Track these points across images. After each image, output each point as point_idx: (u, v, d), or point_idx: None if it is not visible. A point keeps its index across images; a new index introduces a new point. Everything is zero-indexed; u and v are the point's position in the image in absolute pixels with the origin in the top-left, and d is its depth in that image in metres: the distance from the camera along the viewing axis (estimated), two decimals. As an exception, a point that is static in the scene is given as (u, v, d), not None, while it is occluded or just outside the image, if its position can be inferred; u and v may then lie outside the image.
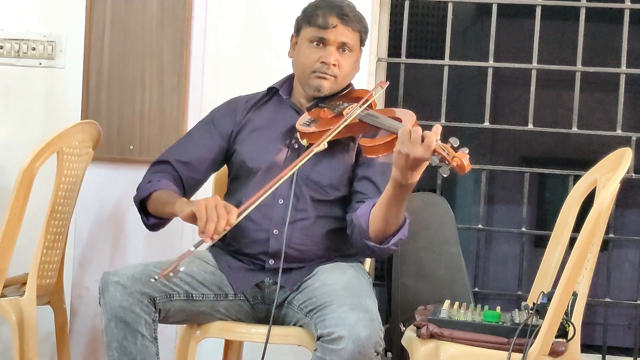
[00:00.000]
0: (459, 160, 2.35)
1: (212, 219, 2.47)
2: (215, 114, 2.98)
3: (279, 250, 2.72)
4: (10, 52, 3.74)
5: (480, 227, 3.93)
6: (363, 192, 2.78)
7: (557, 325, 2.47)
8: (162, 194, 2.79)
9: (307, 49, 2.83)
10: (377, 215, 2.61)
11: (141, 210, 2.86)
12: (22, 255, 3.18)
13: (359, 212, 2.68)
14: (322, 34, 2.80)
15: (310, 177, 2.77)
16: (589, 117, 8.27)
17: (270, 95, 2.96)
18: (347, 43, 2.82)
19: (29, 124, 3.75)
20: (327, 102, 2.84)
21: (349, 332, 2.39)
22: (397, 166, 2.44)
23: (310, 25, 2.83)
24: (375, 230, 2.63)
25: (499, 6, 3.81)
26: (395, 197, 2.53)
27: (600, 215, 2.45)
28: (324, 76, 2.81)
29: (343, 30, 2.81)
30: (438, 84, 3.83)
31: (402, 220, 2.64)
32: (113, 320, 2.54)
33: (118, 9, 3.67)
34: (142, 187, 2.86)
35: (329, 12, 2.81)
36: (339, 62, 2.81)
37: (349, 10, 2.83)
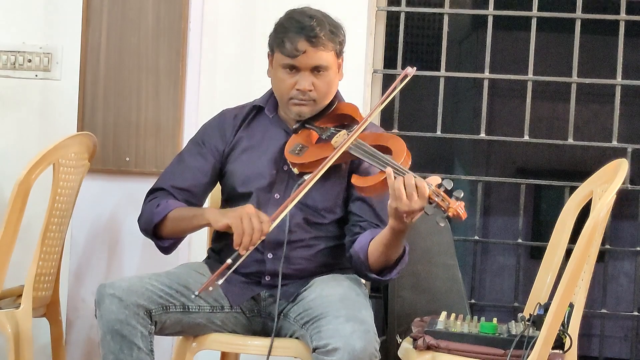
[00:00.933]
0: (455, 211, 2.37)
1: (247, 232, 2.49)
2: (205, 132, 2.93)
3: (274, 271, 2.72)
4: (6, 63, 3.74)
5: (476, 239, 3.93)
6: (359, 214, 2.77)
7: (553, 337, 2.47)
8: (182, 211, 2.76)
9: (281, 74, 2.74)
10: (376, 252, 2.62)
11: (152, 234, 2.82)
12: (17, 267, 3.18)
13: (357, 246, 2.69)
14: (292, 61, 2.70)
15: (305, 202, 2.74)
16: (585, 129, 8.30)
17: (255, 112, 2.90)
18: (320, 65, 2.71)
19: (25, 135, 3.74)
20: (313, 123, 2.78)
21: (344, 343, 2.38)
22: (394, 217, 2.47)
23: (280, 51, 2.73)
24: (375, 263, 2.65)
25: (495, 18, 3.81)
26: (394, 240, 2.57)
27: (596, 227, 2.45)
28: (301, 103, 2.74)
29: (314, 55, 2.70)
30: (434, 96, 3.84)
31: (402, 250, 2.65)
32: (109, 333, 2.54)
33: (114, 20, 3.68)
34: (152, 212, 2.79)
35: (297, 37, 2.69)
36: (315, 84, 2.73)
37: (319, 29, 2.70)
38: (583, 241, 2.43)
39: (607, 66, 4.29)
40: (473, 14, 3.96)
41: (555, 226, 2.97)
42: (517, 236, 3.91)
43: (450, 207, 2.36)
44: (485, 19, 3.82)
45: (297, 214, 2.74)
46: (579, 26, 3.77)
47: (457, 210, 2.36)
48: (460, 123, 10.11)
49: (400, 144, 2.63)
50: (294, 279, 2.75)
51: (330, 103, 2.81)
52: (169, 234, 2.81)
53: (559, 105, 8.73)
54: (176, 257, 3.56)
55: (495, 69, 3.89)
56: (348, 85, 3.06)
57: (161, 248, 2.87)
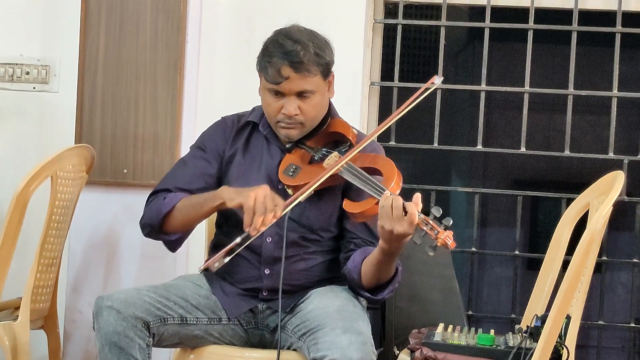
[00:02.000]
0: (443, 241, 2.38)
1: (259, 212, 2.48)
2: (206, 137, 2.92)
3: (272, 287, 2.73)
4: (4, 76, 3.75)
5: (473, 250, 3.93)
6: (353, 232, 2.77)
7: (551, 349, 2.47)
8: (191, 199, 2.75)
9: (268, 97, 2.73)
10: (368, 272, 2.64)
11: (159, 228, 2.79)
12: (15, 279, 3.18)
13: (350, 265, 2.70)
14: (277, 87, 2.68)
15: (301, 222, 2.75)
16: (581, 140, 8.31)
17: (251, 127, 2.88)
18: (305, 90, 2.69)
19: (23, 147, 3.75)
20: (305, 142, 2.79)
21: (341, 355, 2.39)
22: (383, 238, 2.49)
23: (264, 77, 2.71)
24: (368, 283, 2.66)
25: (491, 30, 3.83)
26: (385, 261, 2.58)
27: (593, 238, 2.46)
28: (288, 126, 2.73)
29: (298, 81, 2.67)
30: (431, 108, 3.84)
31: (395, 270, 2.66)
32: (107, 345, 2.54)
33: (112, 33, 3.68)
34: (159, 204, 2.77)
35: (280, 63, 2.65)
36: (302, 108, 2.70)
37: (304, 54, 2.66)
38: (580, 253, 2.43)
39: (604, 78, 4.29)
40: (470, 26, 3.96)
41: (552, 238, 2.98)
42: (514, 248, 3.91)
43: (438, 237, 2.38)
44: (482, 31, 3.83)
45: (293, 232, 2.74)
46: (575, 38, 3.78)
47: (446, 240, 2.37)
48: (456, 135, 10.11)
49: (391, 166, 2.63)
50: (291, 293, 2.75)
51: (323, 121, 2.81)
52: (177, 225, 2.77)
53: (555, 117, 8.72)
54: (174, 269, 3.58)
55: (491, 81, 3.89)
56: (345, 98, 3.07)
57: (169, 242, 2.83)
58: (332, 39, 2.80)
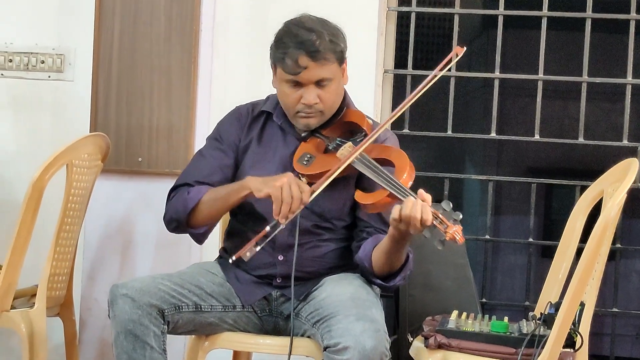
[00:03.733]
0: (452, 236, 2.37)
1: (287, 201, 2.50)
2: (222, 128, 2.92)
3: (286, 274, 2.73)
4: (19, 65, 3.77)
5: (487, 238, 3.93)
6: (366, 220, 2.78)
7: (564, 336, 2.47)
8: (217, 191, 2.75)
9: (286, 89, 2.72)
10: (379, 259, 2.65)
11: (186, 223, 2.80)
12: (31, 267, 3.20)
13: (361, 254, 2.71)
14: (295, 77, 2.67)
15: (314, 210, 2.75)
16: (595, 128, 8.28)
17: (265, 117, 2.88)
18: (324, 78, 2.68)
19: (38, 136, 3.76)
20: (321, 132, 2.78)
21: (355, 342, 2.39)
22: (394, 228, 2.50)
23: (281, 69, 2.70)
24: (380, 270, 2.67)
25: (505, 17, 3.82)
26: (395, 249, 2.59)
27: (607, 226, 2.46)
28: (308, 115, 2.73)
29: (316, 69, 2.66)
30: (444, 95, 3.84)
31: (405, 257, 2.67)
32: (122, 333, 2.55)
33: (126, 22, 3.70)
34: (184, 199, 2.77)
35: (297, 53, 2.65)
36: (321, 96, 2.70)
37: (319, 43, 2.66)
38: (594, 240, 2.44)
39: (618, 65, 4.28)
40: (483, 13, 3.96)
41: (566, 225, 2.97)
42: (528, 235, 3.92)
43: (447, 232, 2.38)
44: (496, 18, 3.82)
45: (307, 220, 2.74)
46: (589, 25, 3.77)
47: (454, 235, 2.37)
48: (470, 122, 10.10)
49: (404, 159, 2.63)
50: (305, 280, 2.76)
51: (338, 110, 2.81)
52: (204, 219, 2.78)
53: (569, 104, 8.71)
54: (188, 257, 3.59)
55: (505, 68, 3.89)
56: (359, 86, 3.07)
57: (196, 235, 2.84)
58: (346, 27, 2.78)
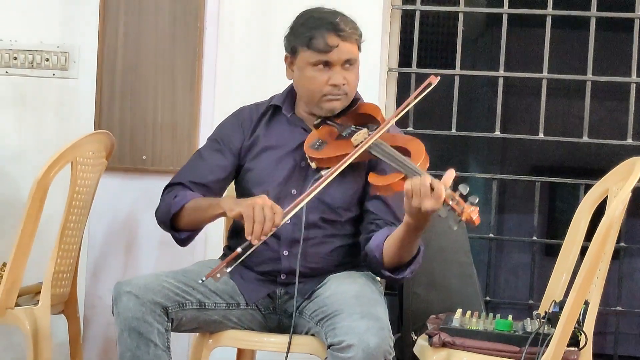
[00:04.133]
0: (468, 216, 2.37)
1: (259, 221, 2.48)
2: (223, 130, 2.94)
3: (290, 269, 2.73)
4: (24, 63, 3.77)
5: (491, 236, 3.93)
6: (375, 213, 2.77)
7: (569, 334, 2.47)
8: (198, 202, 2.77)
9: (311, 72, 2.74)
10: (391, 250, 2.63)
11: (170, 226, 2.83)
12: (36, 264, 3.20)
13: (372, 244, 2.69)
14: (325, 57, 2.71)
15: (322, 199, 2.74)
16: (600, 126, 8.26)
17: (273, 111, 2.90)
18: (351, 58, 2.74)
19: (43, 134, 3.76)
20: (334, 120, 2.80)
21: (359, 340, 2.39)
22: (409, 214, 2.48)
23: (309, 49, 2.72)
24: (390, 261, 2.65)
25: (510, 16, 3.81)
26: (409, 238, 2.57)
27: (611, 225, 2.46)
28: (335, 98, 2.75)
29: (344, 48, 2.72)
30: (449, 94, 3.84)
31: (417, 250, 2.66)
32: (126, 330, 2.55)
33: (131, 20, 3.70)
34: (169, 203, 2.81)
35: (326, 32, 2.69)
36: (347, 78, 2.74)
37: (344, 24, 2.72)
38: (598, 239, 2.43)
39: (622, 64, 4.28)
40: (488, 12, 3.96)
41: (570, 224, 2.97)
42: (532, 234, 3.91)
43: (464, 212, 2.37)
44: (500, 17, 3.82)
45: (313, 211, 2.74)
46: (593, 24, 3.77)
47: (471, 215, 2.36)
48: (474, 121, 10.08)
49: (420, 146, 2.64)
50: (309, 277, 2.76)
51: (353, 101, 2.82)
52: (186, 225, 2.81)
53: (573, 102, 8.68)
54: (192, 255, 3.59)
55: (510, 66, 3.89)
56: (363, 84, 3.05)
57: (178, 240, 2.87)
58: (350, 25, 2.81)
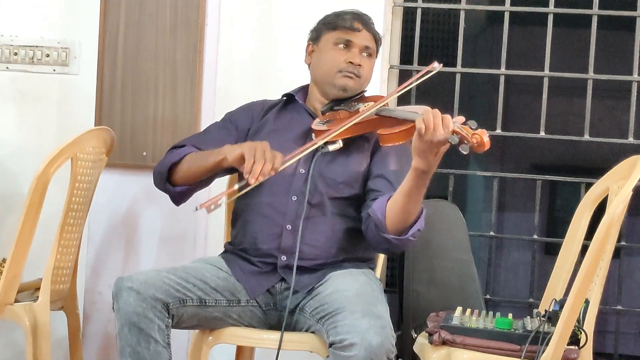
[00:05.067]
0: (479, 137, 2.39)
1: (259, 161, 2.56)
2: (232, 114, 3.04)
3: (291, 246, 2.74)
4: (24, 58, 3.76)
5: (491, 234, 3.93)
6: (377, 190, 2.78)
7: (569, 333, 2.47)
8: (198, 153, 2.85)
9: (332, 51, 2.89)
10: (396, 206, 2.61)
11: (167, 178, 2.89)
12: (35, 260, 3.20)
13: (375, 206, 2.68)
14: (349, 36, 2.88)
15: (325, 174, 2.79)
16: (601, 125, 8.27)
17: (285, 101, 2.99)
18: (370, 47, 2.91)
19: (43, 130, 3.76)
20: (342, 105, 2.88)
21: (361, 339, 2.39)
22: (420, 154, 2.47)
23: (335, 30, 2.89)
24: (393, 222, 2.63)
25: (511, 14, 3.81)
26: (416, 186, 2.54)
27: (612, 223, 2.45)
28: (350, 75, 2.86)
29: (367, 35, 2.91)
30: (450, 91, 3.84)
31: (420, 210, 2.65)
32: (126, 326, 2.56)
33: (132, 15, 3.69)
34: (170, 155, 2.90)
35: (352, 18, 2.89)
36: (363, 64, 2.88)
37: (368, 18, 2.94)
38: (599, 238, 2.43)
39: (624, 62, 4.27)
40: (489, 9, 3.95)
41: (571, 222, 2.97)
42: (532, 232, 3.91)
43: (475, 134, 2.40)
44: (502, 15, 3.81)
45: (317, 190, 2.78)
46: (595, 22, 3.76)
47: (482, 137, 2.40)
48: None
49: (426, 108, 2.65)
50: (309, 259, 2.76)
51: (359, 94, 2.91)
52: (182, 176, 2.86)
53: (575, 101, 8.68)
54: (193, 251, 3.59)
55: (511, 64, 3.88)
56: (365, 81, 3.07)
57: (172, 194, 2.91)
58: (352, 23, 2.85)
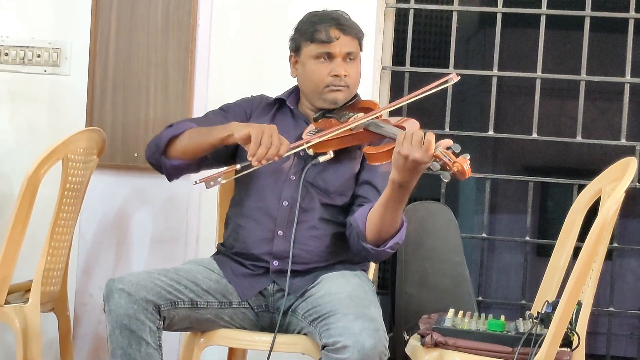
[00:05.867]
0: (460, 166, 2.37)
1: (265, 145, 2.57)
2: (231, 105, 3.04)
3: (283, 251, 2.74)
4: (15, 59, 3.75)
5: (483, 236, 3.92)
6: (364, 196, 2.79)
7: (561, 335, 2.47)
8: (202, 128, 2.84)
9: (314, 65, 2.85)
10: (374, 216, 2.63)
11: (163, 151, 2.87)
12: (26, 262, 3.19)
13: (357, 214, 2.71)
14: (327, 48, 2.82)
15: (317, 183, 2.79)
16: (593, 127, 8.29)
17: (278, 105, 2.98)
18: (352, 52, 2.85)
19: (34, 131, 3.75)
20: (334, 113, 2.87)
21: (354, 341, 2.39)
22: (396, 167, 2.47)
23: (312, 42, 2.84)
24: (372, 232, 2.65)
25: (504, 15, 3.81)
26: (393, 199, 2.55)
27: (605, 225, 2.45)
28: (338, 89, 2.84)
29: (345, 41, 2.84)
30: (441, 93, 3.82)
31: (400, 223, 2.65)
32: (118, 328, 2.55)
33: (123, 16, 3.68)
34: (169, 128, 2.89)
35: (328, 26, 2.82)
36: (348, 71, 2.84)
37: (345, 20, 2.86)
38: (591, 239, 2.43)
39: (616, 64, 4.28)
40: (481, 11, 3.95)
41: (563, 224, 2.97)
42: (524, 234, 3.91)
43: (456, 163, 2.38)
44: (494, 16, 3.81)
45: (310, 196, 2.77)
46: (588, 24, 3.76)
47: (463, 166, 2.37)
48: (467, 120, 10.10)
49: (415, 123, 2.68)
50: (301, 263, 2.76)
51: (352, 98, 2.89)
52: (181, 149, 2.85)
53: (567, 103, 8.71)
54: (184, 253, 3.58)
55: (503, 66, 3.88)
56: (356, 82, 3.07)
57: (167, 169, 2.90)
58: (344, 23, 2.84)
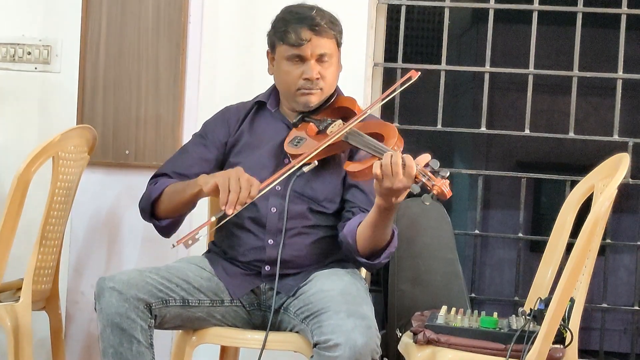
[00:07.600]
0: (439, 189, 2.37)
1: (234, 190, 2.51)
2: (208, 126, 2.97)
3: (274, 259, 2.72)
4: (5, 56, 3.73)
5: (476, 233, 3.92)
6: (352, 201, 2.78)
7: (554, 332, 2.46)
8: (177, 185, 2.79)
9: (286, 67, 2.79)
10: (364, 235, 2.63)
11: (151, 215, 2.85)
12: (17, 260, 3.18)
13: (345, 230, 2.70)
14: (297, 51, 2.75)
15: (306, 193, 2.77)
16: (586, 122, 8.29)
17: (257, 107, 2.94)
18: (325, 53, 2.77)
19: (24, 128, 3.73)
20: (312, 116, 2.82)
21: (346, 339, 2.38)
22: (380, 195, 2.47)
23: (284, 43, 2.77)
24: (364, 248, 2.65)
25: (496, 11, 3.80)
26: (381, 220, 2.56)
27: (597, 221, 2.45)
28: (309, 92, 2.79)
29: (318, 42, 2.75)
30: (434, 89, 3.83)
31: (391, 234, 2.65)
32: (109, 327, 2.53)
33: (114, 13, 3.67)
34: (150, 190, 2.84)
35: (299, 27, 2.74)
36: (321, 73, 2.77)
37: (320, 19, 2.76)
38: (584, 236, 2.42)
39: (609, 60, 4.28)
40: (474, 7, 3.94)
41: (556, 220, 2.97)
42: (517, 230, 3.91)
43: (435, 186, 2.37)
44: (486, 12, 3.80)
45: (299, 202, 2.75)
46: (580, 19, 3.75)
47: (442, 188, 2.37)
48: (459, 117, 10.10)
49: (392, 129, 2.65)
50: (294, 267, 2.75)
51: (330, 96, 2.84)
52: (166, 209, 2.81)
53: (559, 98, 8.71)
54: (176, 251, 3.55)
55: (495, 62, 3.87)
56: (348, 79, 3.06)
57: (159, 228, 2.88)
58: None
